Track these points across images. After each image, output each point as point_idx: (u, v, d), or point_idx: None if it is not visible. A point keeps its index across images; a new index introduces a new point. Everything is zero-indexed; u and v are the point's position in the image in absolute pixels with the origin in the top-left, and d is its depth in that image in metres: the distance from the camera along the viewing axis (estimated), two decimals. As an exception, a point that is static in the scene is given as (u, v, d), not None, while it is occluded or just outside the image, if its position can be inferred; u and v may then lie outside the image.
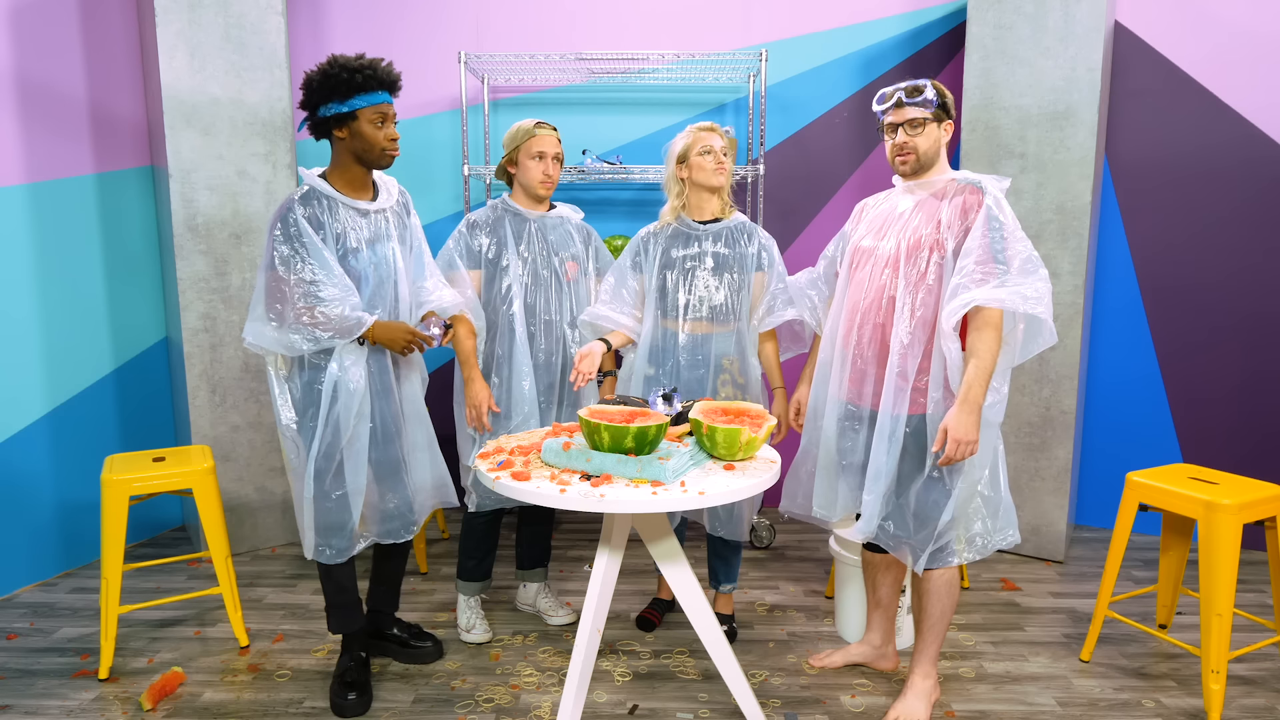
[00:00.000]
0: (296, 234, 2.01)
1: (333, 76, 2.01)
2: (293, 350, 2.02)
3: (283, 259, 2.00)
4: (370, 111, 2.05)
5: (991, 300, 1.85)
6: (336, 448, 2.09)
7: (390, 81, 2.09)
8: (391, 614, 2.47)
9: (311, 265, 2.00)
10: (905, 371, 1.99)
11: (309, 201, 2.06)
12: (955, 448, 1.88)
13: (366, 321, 2.04)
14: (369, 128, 2.06)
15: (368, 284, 2.12)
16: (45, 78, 2.99)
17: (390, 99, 2.10)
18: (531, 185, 2.46)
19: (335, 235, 2.07)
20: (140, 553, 3.27)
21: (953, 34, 3.54)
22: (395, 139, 2.10)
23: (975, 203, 1.95)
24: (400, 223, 2.24)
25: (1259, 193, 3.22)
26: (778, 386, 2.47)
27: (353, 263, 2.09)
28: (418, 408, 2.30)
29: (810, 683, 2.36)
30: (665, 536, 2.01)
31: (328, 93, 2.02)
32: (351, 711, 2.18)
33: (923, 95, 1.99)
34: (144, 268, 3.37)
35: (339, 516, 2.13)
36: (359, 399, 2.08)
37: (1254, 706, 2.24)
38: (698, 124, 2.40)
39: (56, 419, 3.07)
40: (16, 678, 2.38)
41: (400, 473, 2.24)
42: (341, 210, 2.10)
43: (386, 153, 2.10)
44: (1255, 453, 3.31)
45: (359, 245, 2.10)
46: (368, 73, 2.03)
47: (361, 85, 2.02)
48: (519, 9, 3.60)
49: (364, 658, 2.31)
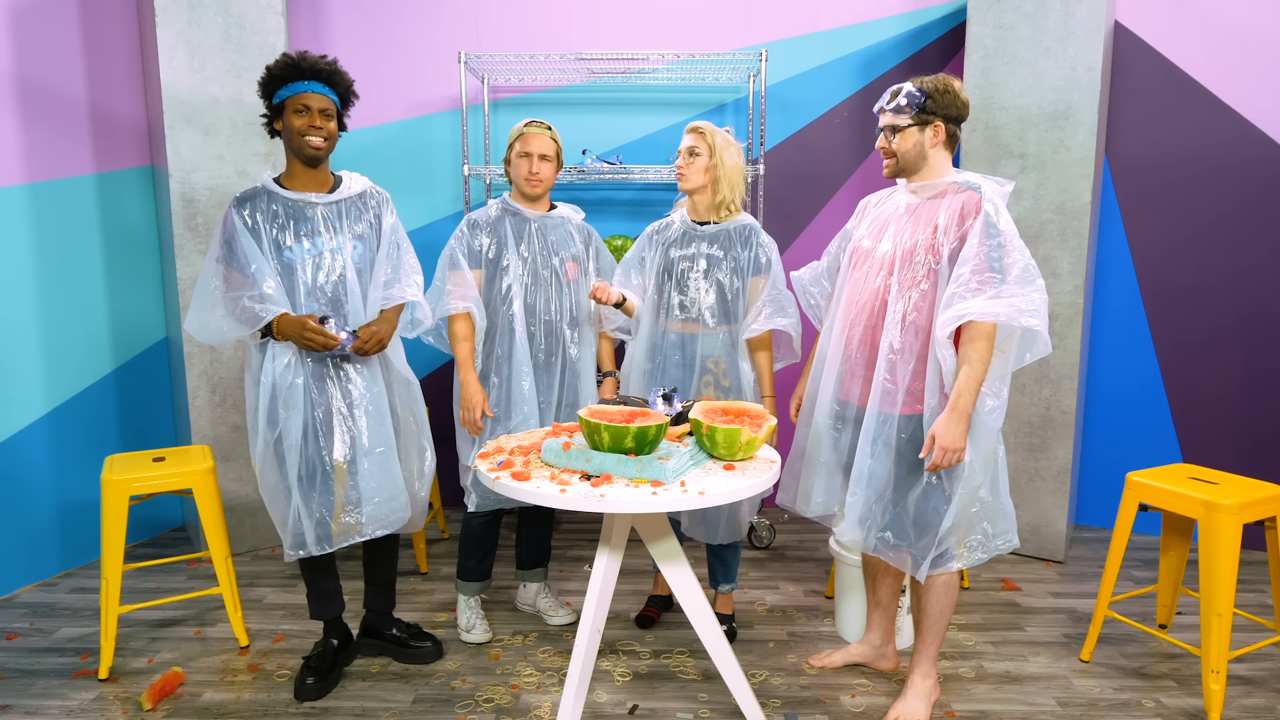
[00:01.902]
0: (231, 232, 2.10)
1: (267, 74, 2.11)
2: (219, 337, 2.10)
3: (215, 254, 2.11)
4: (293, 102, 2.09)
5: (986, 315, 1.84)
6: (270, 439, 2.13)
7: (313, 70, 2.09)
8: (387, 614, 2.47)
9: (237, 261, 2.09)
10: (894, 374, 1.99)
11: (246, 200, 2.13)
12: (942, 455, 1.89)
13: (266, 314, 2.04)
14: (290, 118, 2.10)
15: (299, 275, 2.13)
16: (45, 78, 2.99)
17: (316, 89, 2.09)
18: (518, 183, 2.48)
19: (267, 229, 2.12)
20: (140, 553, 3.28)
21: (953, 34, 3.54)
22: (318, 128, 2.09)
23: (973, 208, 1.93)
24: (358, 218, 2.22)
25: (1259, 193, 3.22)
26: (767, 395, 2.46)
27: (285, 255, 2.13)
28: (378, 407, 2.21)
29: (810, 683, 2.36)
30: (665, 536, 2.01)
31: (263, 90, 2.13)
32: (305, 695, 2.24)
33: (896, 101, 2.00)
34: (144, 268, 3.37)
35: (281, 509, 2.17)
36: (284, 391, 2.11)
37: (1254, 706, 2.24)
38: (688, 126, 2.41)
39: (56, 419, 3.07)
40: (16, 678, 2.38)
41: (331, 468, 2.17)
42: (280, 204, 2.14)
43: (307, 140, 2.09)
44: (1255, 453, 3.31)
45: (295, 238, 2.13)
46: (287, 64, 2.08)
47: (282, 77, 2.09)
48: (519, 9, 3.60)
49: (334, 645, 2.36)
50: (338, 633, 2.38)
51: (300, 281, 2.12)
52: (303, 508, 2.14)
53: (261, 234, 2.10)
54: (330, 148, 2.15)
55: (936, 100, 1.98)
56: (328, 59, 2.12)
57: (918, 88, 1.99)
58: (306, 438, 2.14)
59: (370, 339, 2.13)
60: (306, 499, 2.15)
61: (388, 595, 2.47)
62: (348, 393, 2.18)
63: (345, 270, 2.16)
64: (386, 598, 2.46)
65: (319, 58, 2.11)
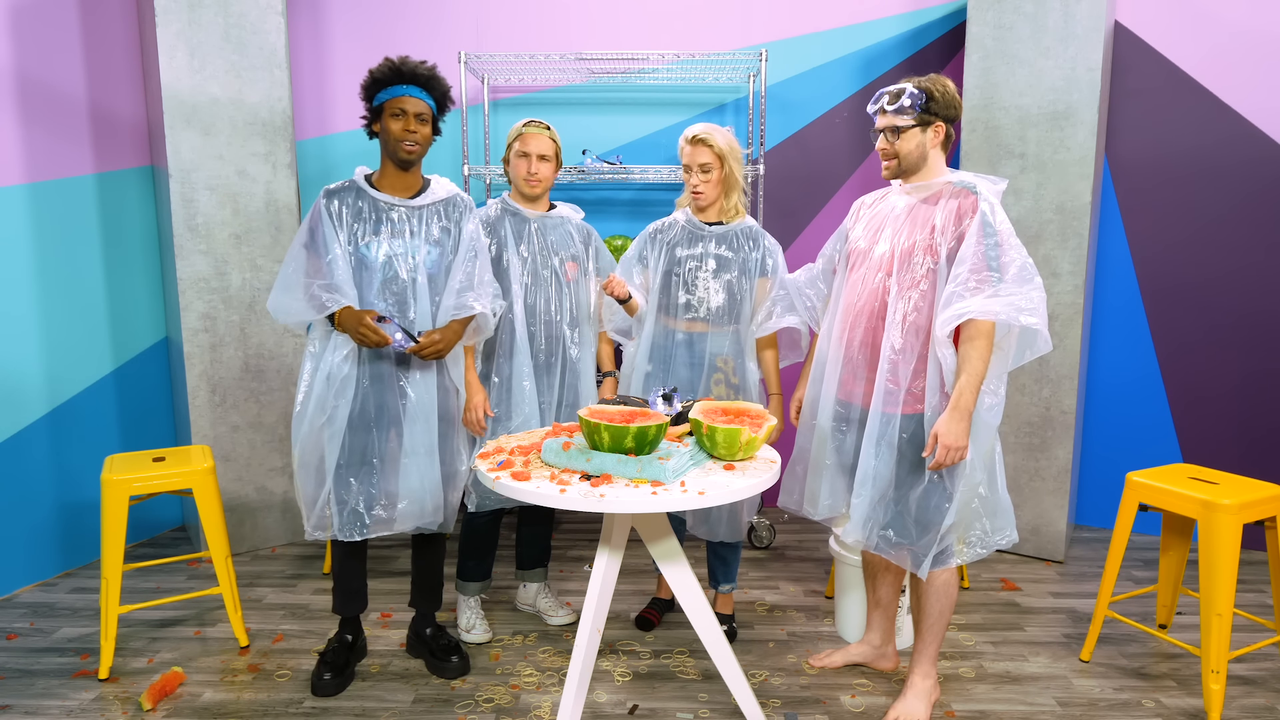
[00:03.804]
0: (316, 220, 2.17)
1: (369, 77, 2.16)
2: (295, 318, 2.15)
3: (301, 239, 2.17)
4: (390, 105, 2.14)
5: (985, 313, 1.85)
6: (316, 424, 2.15)
7: (412, 75, 2.14)
8: (428, 615, 2.46)
9: (316, 248, 2.14)
10: (896, 375, 2.00)
11: (335, 193, 2.19)
12: (945, 453, 1.89)
13: (332, 304, 2.08)
14: (388, 121, 2.15)
15: (374, 273, 2.17)
16: (45, 78, 2.99)
17: (414, 93, 2.14)
18: (517, 183, 2.48)
19: (349, 224, 2.16)
20: (140, 553, 3.27)
21: (953, 34, 3.54)
22: (412, 131, 2.13)
23: (970, 208, 1.94)
24: (437, 223, 2.24)
25: (1258, 192, 3.22)
26: (774, 393, 2.48)
27: (362, 251, 2.17)
28: (426, 411, 2.24)
29: (810, 683, 2.36)
30: (665, 536, 2.01)
31: (365, 93, 2.18)
32: (322, 690, 2.27)
33: (898, 103, 1.99)
34: (144, 268, 3.37)
35: (312, 491, 2.19)
36: (338, 381, 2.15)
37: (1254, 706, 2.24)
38: (688, 133, 2.36)
39: (56, 419, 3.07)
40: (16, 678, 2.38)
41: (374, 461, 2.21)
42: (366, 202, 2.18)
43: (401, 144, 2.14)
44: (1255, 453, 3.31)
45: (373, 236, 2.17)
46: (389, 68, 2.14)
47: (382, 80, 2.15)
48: (519, 9, 3.60)
49: (349, 641, 2.37)
50: (353, 629, 2.41)
51: (373, 279, 2.17)
52: (334, 494, 2.18)
53: (343, 227, 2.16)
54: (423, 151, 2.19)
55: (937, 101, 1.99)
56: (427, 64, 2.17)
57: (919, 88, 1.99)
58: (354, 428, 2.18)
59: (429, 346, 2.15)
60: (342, 486, 2.19)
61: (425, 594, 2.46)
62: (403, 392, 2.22)
63: (416, 274, 2.20)
64: (424, 596, 2.46)
65: (419, 63, 2.16)
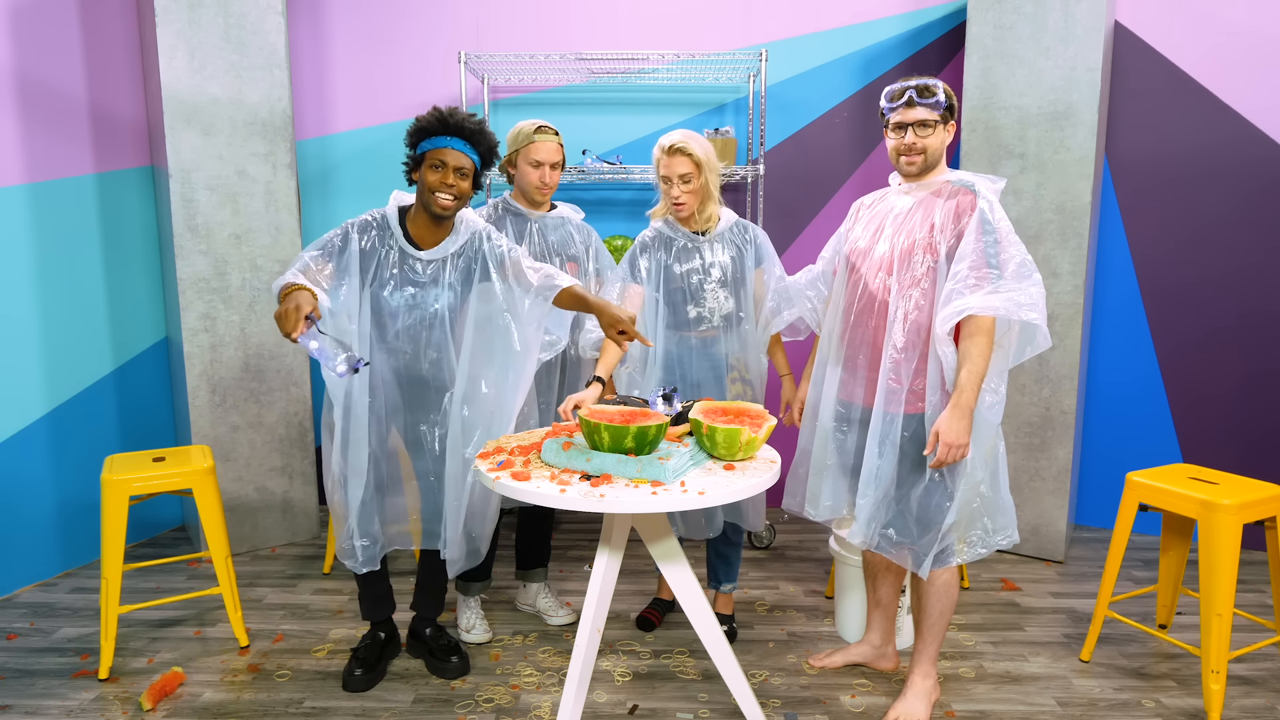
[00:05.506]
0: (338, 233, 2.13)
1: (415, 123, 2.10)
2: None
3: (314, 246, 2.12)
4: (432, 156, 2.07)
5: (985, 309, 1.85)
6: (346, 431, 2.15)
7: (458, 128, 2.06)
8: (428, 618, 2.46)
9: (315, 252, 2.09)
10: (899, 374, 2.00)
11: (367, 228, 2.14)
12: (946, 451, 1.89)
13: (279, 281, 1.99)
14: (426, 172, 2.08)
15: (396, 320, 2.16)
16: (45, 78, 2.99)
17: (457, 146, 2.06)
18: (528, 191, 2.47)
19: (372, 267, 2.13)
20: (140, 553, 3.27)
21: (953, 34, 3.54)
22: (450, 185, 2.06)
23: (968, 206, 1.95)
24: (461, 268, 2.19)
25: (1258, 192, 3.22)
26: (785, 374, 2.50)
27: (387, 297, 2.14)
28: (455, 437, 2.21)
29: (810, 683, 2.36)
30: (665, 536, 2.01)
31: (409, 140, 2.12)
32: (353, 686, 2.30)
33: (935, 97, 1.97)
34: (144, 268, 3.37)
35: (340, 504, 2.19)
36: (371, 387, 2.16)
37: (1254, 706, 2.24)
38: (664, 142, 2.29)
39: (56, 419, 3.07)
40: (16, 678, 2.38)
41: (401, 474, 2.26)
42: (394, 251, 2.15)
43: (435, 197, 2.07)
44: (1255, 453, 3.31)
45: (400, 284, 2.15)
46: (435, 118, 2.07)
47: (427, 129, 2.08)
48: (519, 9, 3.60)
49: (381, 639, 2.40)
50: (385, 626, 2.43)
51: (393, 321, 2.16)
52: (362, 507, 2.18)
53: (365, 257, 2.12)
54: (459, 207, 2.13)
55: (953, 102, 2.02)
56: (475, 118, 2.10)
57: (941, 87, 2.00)
58: (384, 443, 2.20)
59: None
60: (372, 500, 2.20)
61: (427, 599, 2.46)
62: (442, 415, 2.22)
63: (435, 320, 2.18)
64: (426, 601, 2.46)
65: (467, 115, 2.09)
